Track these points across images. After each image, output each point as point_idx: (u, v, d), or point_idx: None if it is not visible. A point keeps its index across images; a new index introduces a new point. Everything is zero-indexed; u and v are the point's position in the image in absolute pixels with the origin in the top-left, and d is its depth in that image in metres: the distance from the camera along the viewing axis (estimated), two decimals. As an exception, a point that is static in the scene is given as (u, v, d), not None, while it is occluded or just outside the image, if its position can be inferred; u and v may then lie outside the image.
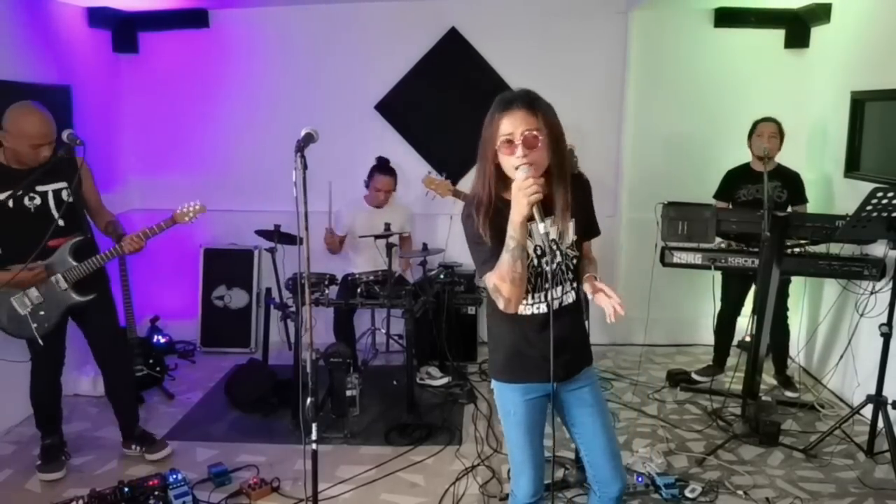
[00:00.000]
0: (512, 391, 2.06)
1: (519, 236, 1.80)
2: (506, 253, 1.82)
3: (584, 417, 2.08)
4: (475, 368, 4.55)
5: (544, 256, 1.92)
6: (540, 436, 2.09)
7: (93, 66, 4.51)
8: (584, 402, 2.07)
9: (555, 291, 1.96)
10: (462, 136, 4.57)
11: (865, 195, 2.92)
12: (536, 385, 2.01)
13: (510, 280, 1.83)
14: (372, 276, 4.05)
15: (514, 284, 1.85)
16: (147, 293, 4.99)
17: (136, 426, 3.42)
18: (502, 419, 2.12)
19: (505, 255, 1.82)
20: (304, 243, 2.18)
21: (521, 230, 1.79)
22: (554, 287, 1.96)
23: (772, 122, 3.88)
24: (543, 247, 1.85)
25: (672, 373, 4.30)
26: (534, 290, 1.96)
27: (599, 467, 2.08)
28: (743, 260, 3.77)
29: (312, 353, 2.28)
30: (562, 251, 1.96)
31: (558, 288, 1.97)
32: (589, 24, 4.64)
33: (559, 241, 1.95)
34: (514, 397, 2.05)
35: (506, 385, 2.07)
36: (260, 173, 4.83)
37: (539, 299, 1.96)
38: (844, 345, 3.83)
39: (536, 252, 1.92)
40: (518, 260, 1.81)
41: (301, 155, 2.13)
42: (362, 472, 3.21)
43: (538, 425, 2.08)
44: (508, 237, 1.81)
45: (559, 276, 1.97)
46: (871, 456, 3.30)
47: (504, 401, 2.09)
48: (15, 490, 3.08)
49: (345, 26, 4.72)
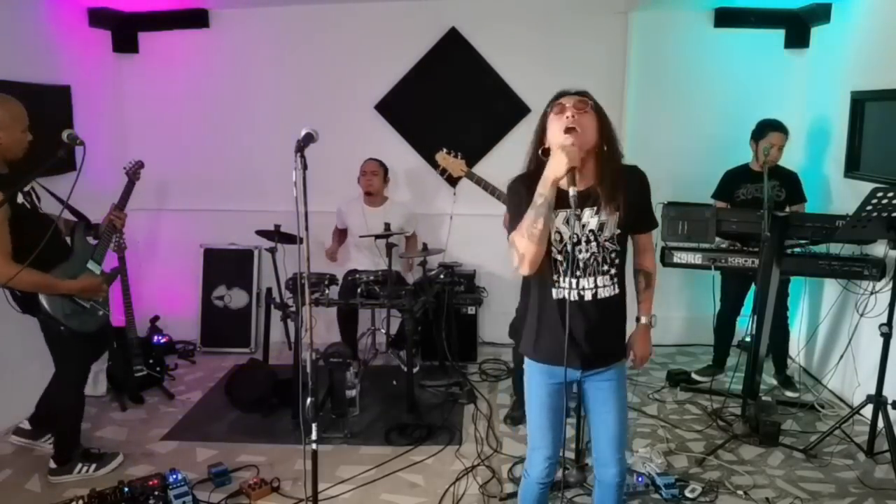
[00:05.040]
0: (539, 371, 2.14)
1: (548, 193, 1.87)
2: (531, 209, 1.89)
3: (598, 406, 2.15)
4: (475, 368, 4.55)
5: (579, 244, 1.97)
6: (560, 420, 2.16)
7: (93, 66, 4.51)
8: (602, 397, 2.14)
9: (587, 282, 2.00)
10: (462, 136, 4.64)
11: (865, 195, 2.92)
12: (558, 370, 2.04)
13: (528, 235, 1.89)
14: (372, 275, 4.05)
15: (532, 241, 1.90)
16: (147, 293, 4.99)
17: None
18: (526, 396, 2.22)
19: (529, 211, 1.90)
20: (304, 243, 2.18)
21: (550, 189, 1.87)
22: (586, 277, 2.00)
23: (783, 133, 3.85)
24: (579, 235, 1.94)
25: (672, 373, 4.31)
26: (564, 275, 2.00)
27: (601, 450, 2.18)
28: (743, 260, 3.77)
29: (312, 353, 2.28)
30: (599, 242, 1.99)
31: (591, 279, 2.00)
32: (589, 25, 4.64)
33: (598, 231, 1.99)
34: (539, 378, 2.14)
35: (532, 363, 2.16)
36: (260, 173, 4.83)
37: (571, 286, 1.99)
38: (844, 345, 3.83)
39: (572, 239, 1.97)
40: (541, 217, 1.88)
41: (301, 155, 2.13)
42: (362, 472, 3.21)
43: (559, 410, 2.15)
44: (537, 194, 1.89)
45: (593, 267, 2.01)
46: (871, 456, 3.30)
47: (530, 378, 2.18)
48: (15, 490, 3.07)
49: (345, 26, 4.72)
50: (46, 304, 2.89)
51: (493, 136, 4.80)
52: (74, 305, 2.98)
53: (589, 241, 1.98)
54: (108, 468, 3.20)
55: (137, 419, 3.82)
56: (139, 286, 4.86)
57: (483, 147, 4.78)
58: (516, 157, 2.18)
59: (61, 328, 2.93)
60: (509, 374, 4.39)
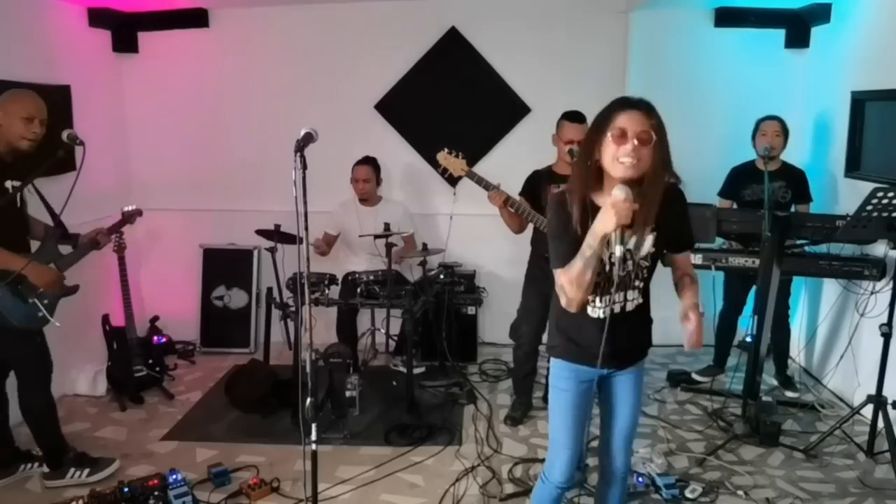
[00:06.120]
0: (568, 370, 2.12)
1: (597, 247, 1.85)
2: (580, 259, 1.88)
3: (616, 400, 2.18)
4: (475, 369, 4.55)
5: (616, 265, 1.94)
6: (584, 423, 2.17)
7: (93, 66, 4.51)
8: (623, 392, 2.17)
9: (618, 296, 2.01)
10: (462, 136, 4.63)
11: (866, 195, 2.92)
12: (588, 370, 2.07)
13: (577, 285, 1.90)
14: (371, 275, 4.04)
15: (580, 289, 1.91)
16: (147, 293, 4.99)
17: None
18: (551, 398, 2.20)
19: (578, 261, 1.88)
20: (304, 243, 2.18)
21: (599, 243, 1.84)
22: (618, 292, 2.00)
23: (775, 120, 3.88)
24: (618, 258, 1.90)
25: (672, 373, 4.30)
26: (601, 294, 2.00)
27: (612, 442, 2.21)
28: (743, 260, 3.77)
29: (312, 353, 2.28)
30: (635, 261, 1.99)
31: (621, 293, 2.01)
32: (589, 24, 4.64)
33: (634, 251, 1.97)
34: (568, 376, 2.12)
35: (561, 362, 2.14)
36: (260, 173, 4.82)
37: (606, 303, 2.00)
38: (845, 345, 3.83)
39: (611, 259, 1.94)
40: (589, 269, 1.87)
41: (301, 155, 2.13)
42: (362, 473, 3.21)
43: (585, 412, 2.15)
44: (586, 244, 1.87)
45: (626, 283, 2.01)
46: (872, 456, 3.30)
47: (557, 379, 2.16)
48: (15, 490, 3.07)
49: (345, 26, 4.71)
50: None
51: (493, 136, 4.80)
52: (14, 294, 2.85)
53: (625, 259, 1.97)
54: (103, 474, 3.13)
55: (137, 419, 3.81)
56: (139, 286, 4.87)
57: (483, 147, 4.77)
58: (516, 157, 2.19)
59: None
60: (509, 374, 4.39)
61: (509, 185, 3.55)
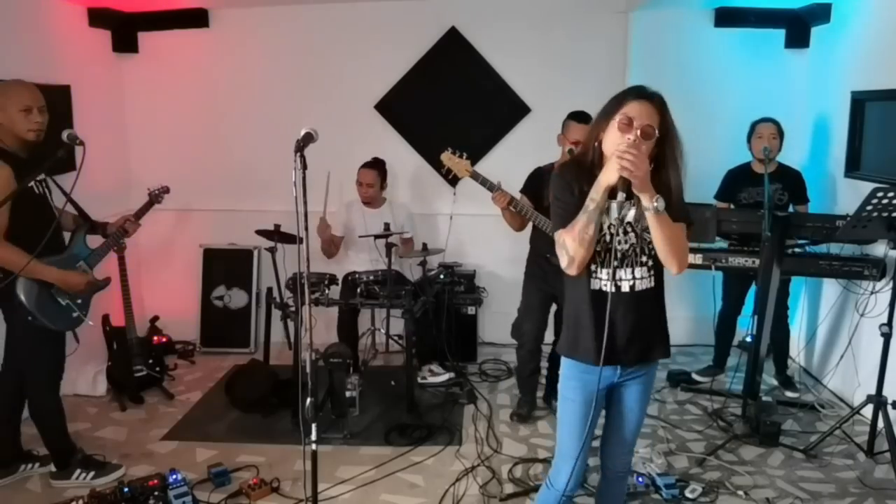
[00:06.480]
0: (578, 375, 2.07)
1: (599, 199, 1.86)
2: (583, 213, 1.88)
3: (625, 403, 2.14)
4: (475, 369, 4.54)
5: (617, 236, 1.95)
6: (591, 434, 2.12)
7: (93, 66, 4.51)
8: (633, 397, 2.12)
9: (624, 272, 1.99)
10: (462, 136, 4.63)
11: (866, 195, 2.92)
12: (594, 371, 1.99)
13: (579, 240, 1.89)
14: (371, 275, 4.04)
15: (582, 245, 1.89)
16: (147, 293, 4.99)
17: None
18: (560, 403, 2.16)
19: (581, 215, 1.88)
20: (304, 243, 2.18)
21: (602, 194, 1.85)
22: (624, 268, 1.99)
23: (771, 122, 3.88)
24: (617, 226, 1.91)
25: (672, 373, 4.30)
26: (601, 265, 1.98)
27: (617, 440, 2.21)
28: (743, 260, 3.77)
29: (312, 353, 2.28)
30: (637, 233, 1.98)
31: (629, 269, 1.99)
32: (589, 24, 4.64)
33: (635, 223, 1.97)
34: (575, 386, 2.08)
35: (571, 366, 2.09)
36: (260, 173, 4.82)
37: (608, 276, 1.97)
38: (845, 345, 3.83)
39: (611, 230, 1.94)
40: (592, 223, 1.87)
41: (301, 155, 2.13)
42: (362, 473, 3.21)
43: (592, 422, 2.09)
44: (589, 198, 1.88)
45: (631, 258, 1.99)
46: (872, 456, 3.30)
47: (568, 383, 2.11)
48: (15, 490, 3.07)
49: (345, 26, 4.71)
50: (21, 289, 2.79)
51: (494, 136, 4.80)
52: (49, 298, 2.88)
53: (626, 231, 1.96)
54: (108, 478, 3.12)
55: (137, 419, 3.81)
56: (139, 286, 4.86)
57: (483, 147, 4.77)
58: (517, 157, 2.19)
59: (29, 318, 2.81)
60: (509, 374, 4.40)
61: (509, 184, 3.55)
